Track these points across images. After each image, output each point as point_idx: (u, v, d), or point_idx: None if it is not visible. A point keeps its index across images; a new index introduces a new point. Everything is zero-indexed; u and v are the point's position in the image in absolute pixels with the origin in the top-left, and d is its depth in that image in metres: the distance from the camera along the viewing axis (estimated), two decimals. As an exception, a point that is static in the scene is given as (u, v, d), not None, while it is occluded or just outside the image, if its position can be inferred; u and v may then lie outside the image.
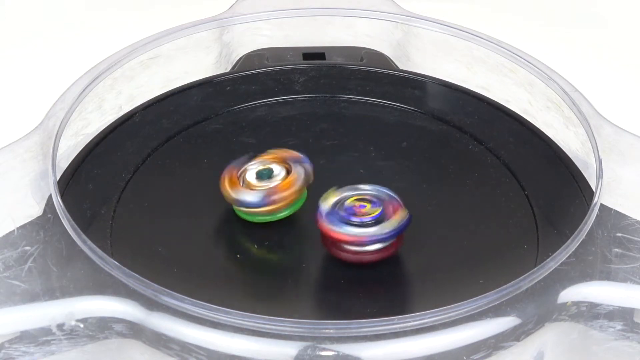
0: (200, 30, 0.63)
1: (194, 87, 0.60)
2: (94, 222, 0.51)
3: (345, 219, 0.48)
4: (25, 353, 0.46)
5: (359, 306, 0.48)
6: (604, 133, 0.55)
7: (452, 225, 0.52)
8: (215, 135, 0.57)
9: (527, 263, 0.49)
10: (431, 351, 0.45)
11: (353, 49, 0.65)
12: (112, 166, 0.54)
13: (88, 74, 0.58)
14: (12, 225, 0.50)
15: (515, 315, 0.46)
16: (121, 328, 0.46)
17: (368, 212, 0.48)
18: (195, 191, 0.53)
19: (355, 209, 0.48)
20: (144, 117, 0.58)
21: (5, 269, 0.48)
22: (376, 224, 0.48)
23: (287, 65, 0.62)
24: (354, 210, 0.48)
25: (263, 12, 0.64)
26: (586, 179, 0.54)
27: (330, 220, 0.48)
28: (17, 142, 0.54)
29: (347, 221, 0.48)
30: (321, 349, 0.44)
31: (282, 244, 0.50)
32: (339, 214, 0.48)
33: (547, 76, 0.59)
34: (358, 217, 0.48)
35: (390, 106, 0.60)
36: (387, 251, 0.48)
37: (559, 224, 0.52)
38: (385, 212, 0.48)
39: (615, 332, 0.48)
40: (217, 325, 0.44)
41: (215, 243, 0.51)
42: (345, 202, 0.49)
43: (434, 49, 0.64)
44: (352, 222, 0.48)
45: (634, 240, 0.50)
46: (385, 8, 0.65)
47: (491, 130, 0.58)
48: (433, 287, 0.48)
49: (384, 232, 0.48)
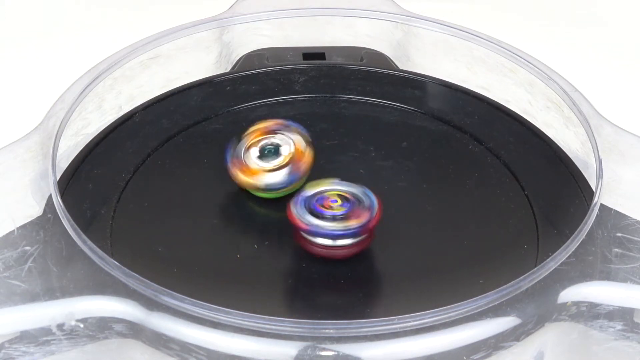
0: (200, 30, 0.63)
1: (194, 87, 0.60)
2: (94, 222, 0.51)
3: (310, 208, 0.48)
4: (25, 353, 0.46)
5: (359, 306, 0.48)
6: (604, 133, 0.55)
7: (452, 225, 0.52)
8: (215, 135, 0.57)
9: (527, 263, 0.49)
10: (431, 351, 0.45)
11: (353, 49, 0.65)
12: (112, 166, 0.54)
13: (88, 74, 0.58)
14: (12, 225, 0.50)
15: (515, 315, 0.46)
16: (121, 328, 0.46)
17: (333, 207, 0.49)
18: (195, 191, 0.53)
19: (325, 201, 0.49)
20: (144, 117, 0.58)
21: (5, 269, 0.48)
22: (333, 220, 0.48)
23: (287, 65, 0.62)
24: (323, 202, 0.49)
25: (263, 12, 0.64)
26: (586, 179, 0.54)
27: (297, 202, 0.49)
28: (17, 142, 0.54)
29: (311, 209, 0.48)
30: (321, 349, 0.44)
31: (281, 243, 0.50)
32: (310, 201, 0.49)
33: (547, 76, 0.59)
34: (324, 209, 0.49)
35: (390, 106, 0.60)
36: (340, 250, 0.48)
37: (559, 224, 0.52)
38: (350, 213, 0.48)
39: (615, 332, 0.48)
40: (217, 325, 0.44)
41: (215, 243, 0.51)
42: (324, 194, 0.49)
43: (434, 49, 0.64)
44: (314, 211, 0.48)
45: (634, 240, 0.50)
46: (385, 8, 0.65)
47: (491, 130, 0.58)
48: (433, 287, 0.48)
49: (330, 228, 0.48)
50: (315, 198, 0.49)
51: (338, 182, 0.50)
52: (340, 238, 0.48)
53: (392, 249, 0.50)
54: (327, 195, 0.49)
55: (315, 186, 0.50)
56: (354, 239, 0.48)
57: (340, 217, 0.48)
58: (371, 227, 0.48)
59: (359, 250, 0.49)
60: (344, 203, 0.49)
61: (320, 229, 0.48)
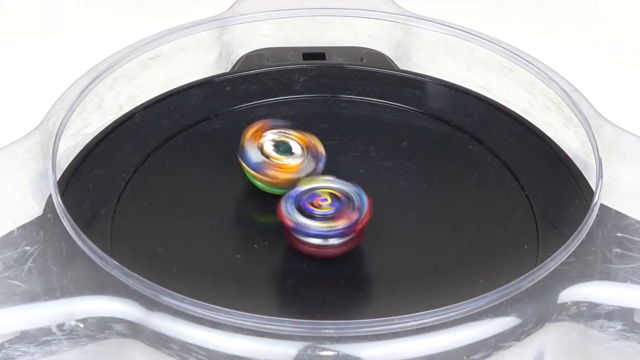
0: (200, 30, 0.63)
1: (194, 87, 0.60)
2: (94, 222, 0.51)
3: (300, 205, 0.49)
4: (25, 353, 0.46)
5: (359, 306, 0.48)
6: (604, 133, 0.55)
7: (452, 225, 0.52)
8: (215, 135, 0.57)
9: (527, 263, 0.49)
10: (431, 351, 0.45)
11: (353, 49, 0.65)
12: (112, 166, 0.54)
13: (88, 74, 0.58)
14: (12, 225, 0.50)
15: (515, 315, 0.46)
16: (121, 328, 0.46)
17: (322, 206, 0.49)
18: (195, 191, 0.53)
19: (315, 199, 0.49)
20: (144, 117, 0.58)
21: (5, 269, 0.48)
22: (321, 219, 0.48)
23: (287, 65, 0.62)
24: (313, 200, 0.49)
25: (263, 12, 0.64)
26: (586, 179, 0.54)
27: (288, 199, 0.49)
28: (17, 142, 0.54)
29: (301, 207, 0.49)
30: (321, 349, 0.44)
31: (282, 243, 0.50)
32: (301, 199, 0.49)
33: (547, 76, 0.59)
34: (313, 207, 0.49)
35: (390, 106, 0.60)
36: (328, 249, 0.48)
37: (559, 224, 0.52)
38: (338, 213, 0.48)
39: (615, 332, 0.48)
40: (217, 325, 0.44)
41: (215, 243, 0.51)
42: (316, 191, 0.49)
43: (434, 49, 0.64)
44: (303, 209, 0.48)
45: (634, 240, 0.50)
46: (385, 8, 0.65)
47: (491, 130, 0.58)
48: (433, 287, 0.48)
49: (317, 228, 0.48)
50: (306, 195, 0.49)
51: (332, 180, 0.50)
52: (327, 238, 0.48)
53: (392, 249, 0.50)
54: (318, 193, 0.49)
55: (309, 183, 0.50)
56: (341, 239, 0.48)
57: (328, 216, 0.48)
58: (359, 228, 0.48)
59: (347, 249, 0.49)
60: (333, 202, 0.49)
61: (307, 228, 0.48)
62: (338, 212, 0.49)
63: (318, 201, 0.49)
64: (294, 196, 0.49)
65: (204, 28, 0.63)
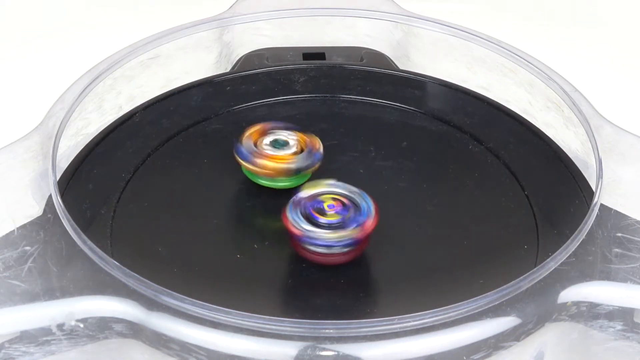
0: (200, 30, 0.63)
1: (194, 87, 0.60)
2: (94, 222, 0.51)
3: (306, 212, 0.48)
4: (25, 353, 0.46)
5: (359, 306, 0.48)
6: (604, 133, 0.55)
7: (452, 225, 0.52)
8: (215, 135, 0.57)
9: (527, 263, 0.49)
10: (431, 351, 0.45)
11: (353, 49, 0.65)
12: (112, 166, 0.54)
13: (88, 74, 0.58)
14: (12, 225, 0.50)
15: (515, 315, 0.46)
16: (121, 328, 0.46)
17: (328, 215, 0.48)
18: (195, 191, 0.53)
19: (320, 205, 0.49)
20: (144, 117, 0.58)
21: (5, 269, 0.48)
22: (328, 228, 0.48)
23: (287, 65, 0.62)
24: (319, 207, 0.49)
25: (263, 12, 0.64)
26: (586, 179, 0.54)
27: (293, 206, 0.48)
28: (17, 142, 0.54)
29: (307, 215, 0.48)
30: (321, 349, 0.44)
31: (282, 244, 0.50)
32: (306, 206, 0.48)
33: (547, 76, 0.59)
34: (319, 216, 0.48)
35: (390, 106, 0.60)
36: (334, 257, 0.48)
37: (559, 224, 0.52)
38: (345, 222, 0.48)
39: (615, 332, 0.48)
40: (217, 325, 0.44)
41: (215, 243, 0.51)
42: (321, 197, 0.49)
43: (434, 49, 0.64)
44: (309, 217, 0.48)
45: (634, 240, 0.50)
46: (385, 8, 0.65)
47: (491, 130, 0.58)
48: (433, 287, 0.48)
49: (324, 238, 0.47)
50: (311, 202, 0.49)
51: (335, 184, 0.50)
52: (334, 247, 0.48)
53: (392, 249, 0.50)
54: (324, 199, 0.49)
55: (312, 187, 0.49)
56: (348, 248, 0.48)
57: (335, 225, 0.48)
58: (366, 236, 0.48)
59: (352, 257, 0.48)
60: (340, 210, 0.49)
61: (314, 238, 0.48)
62: (345, 220, 0.48)
63: (324, 208, 0.49)
64: (299, 203, 0.49)
65: (204, 28, 0.63)
